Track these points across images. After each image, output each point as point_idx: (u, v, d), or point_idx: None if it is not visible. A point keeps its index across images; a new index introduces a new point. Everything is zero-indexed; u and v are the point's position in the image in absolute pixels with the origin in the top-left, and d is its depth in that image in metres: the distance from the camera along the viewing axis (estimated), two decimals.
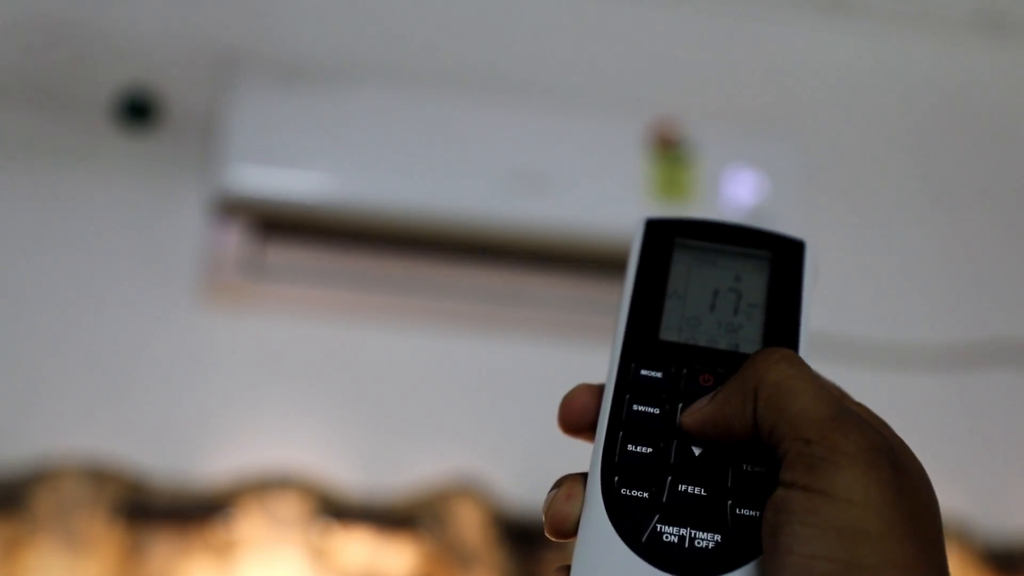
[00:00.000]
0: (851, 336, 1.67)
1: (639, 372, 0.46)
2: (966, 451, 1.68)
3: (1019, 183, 1.86)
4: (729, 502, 0.43)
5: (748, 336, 0.48)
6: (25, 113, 1.55)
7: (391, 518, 1.44)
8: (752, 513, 0.43)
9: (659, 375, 0.46)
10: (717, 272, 0.49)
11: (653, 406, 0.45)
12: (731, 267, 0.49)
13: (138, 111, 1.52)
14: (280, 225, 1.46)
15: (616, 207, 1.49)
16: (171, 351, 1.52)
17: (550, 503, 0.47)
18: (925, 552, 0.41)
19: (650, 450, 0.45)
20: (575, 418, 0.48)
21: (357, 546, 1.42)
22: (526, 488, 1.47)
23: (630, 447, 0.45)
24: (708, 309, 0.48)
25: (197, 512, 1.39)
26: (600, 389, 0.47)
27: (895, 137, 1.83)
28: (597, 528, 0.44)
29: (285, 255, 1.48)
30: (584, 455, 0.49)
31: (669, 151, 1.52)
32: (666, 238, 0.50)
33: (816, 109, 1.80)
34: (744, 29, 1.82)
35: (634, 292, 0.49)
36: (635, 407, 0.46)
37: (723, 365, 0.46)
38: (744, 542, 0.43)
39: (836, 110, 1.82)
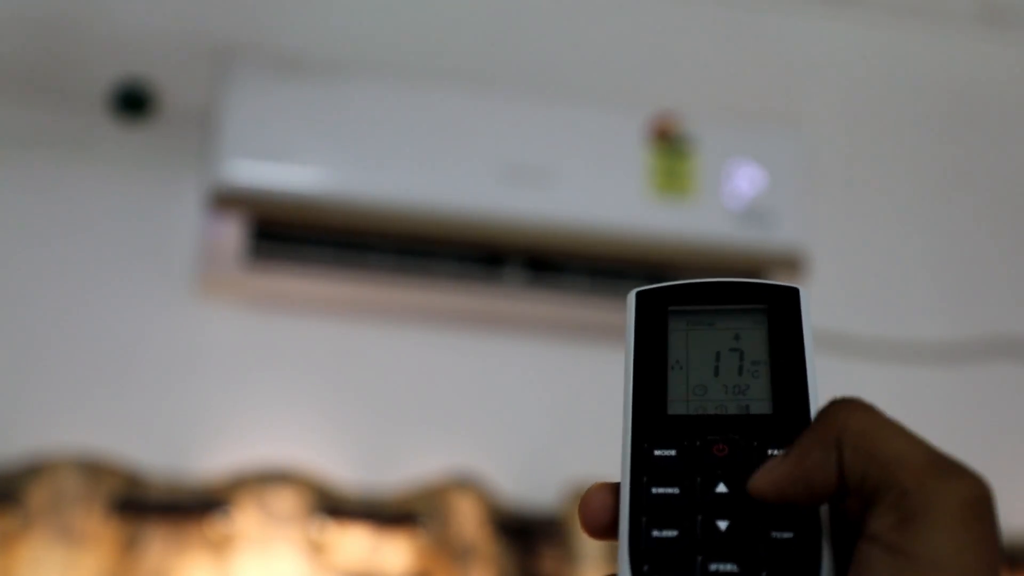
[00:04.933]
0: (851, 332, 1.65)
1: (653, 453, 0.46)
2: (968, 447, 1.66)
3: (1022, 177, 1.84)
4: (764, 573, 0.42)
5: (757, 395, 0.47)
6: (21, 105, 1.53)
7: (388, 514, 1.42)
8: None
9: (673, 452, 0.45)
10: (715, 334, 0.48)
11: (672, 486, 0.45)
12: (729, 326, 0.49)
13: (134, 104, 1.51)
14: (277, 219, 1.44)
15: (617, 201, 1.47)
16: (167, 345, 1.50)
17: None
18: None
19: (676, 532, 0.44)
20: (597, 518, 0.46)
21: (354, 542, 1.41)
22: (523, 483, 1.46)
23: (655, 532, 0.44)
24: (712, 374, 0.47)
25: (193, 507, 1.38)
26: (613, 487, 0.46)
27: (897, 130, 1.81)
28: None
29: (282, 249, 1.46)
30: (584, 454, 0.48)
31: (669, 144, 1.50)
32: (659, 308, 0.49)
33: (817, 102, 1.78)
34: (745, 21, 1.80)
35: (636, 368, 0.48)
36: (654, 490, 0.45)
37: (735, 431, 0.45)
38: None
39: (838, 103, 1.80)
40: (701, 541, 0.43)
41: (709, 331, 0.48)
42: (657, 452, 0.45)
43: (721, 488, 0.44)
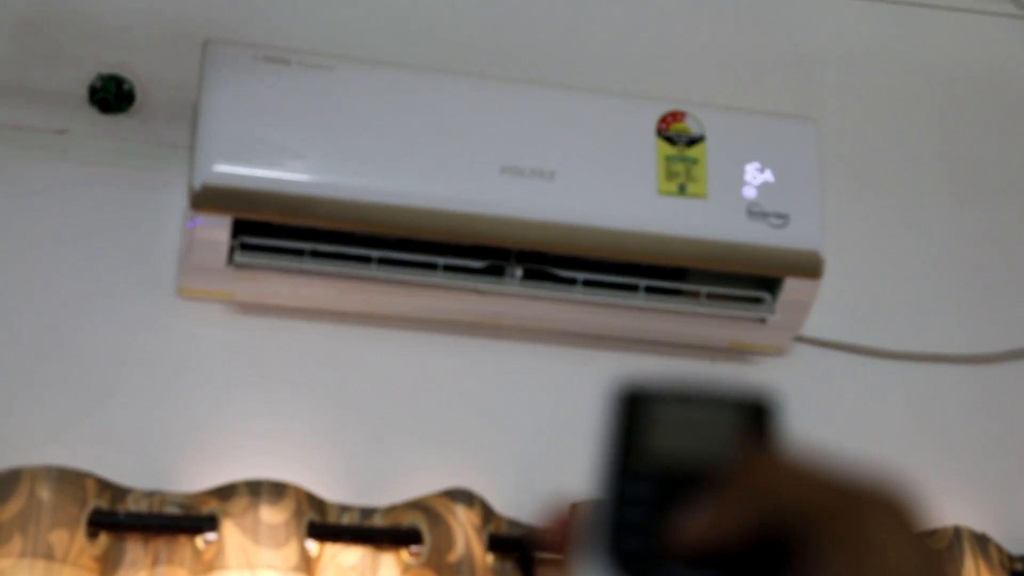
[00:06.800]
0: (864, 337, 1.63)
1: (623, 491, 0.48)
2: (986, 459, 1.63)
3: None
4: None
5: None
6: None
7: (382, 530, 1.40)
8: None
9: (643, 494, 0.48)
10: (688, 431, 0.51)
11: (641, 518, 0.47)
12: (701, 428, 0.51)
13: (115, 99, 1.49)
14: (265, 219, 1.40)
15: (624, 199, 1.45)
16: (149, 351, 1.48)
17: None
18: None
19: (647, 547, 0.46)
20: (561, 535, 0.49)
21: (346, 559, 1.38)
22: (520, 500, 1.44)
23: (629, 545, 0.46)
24: (680, 455, 0.50)
25: (177, 523, 1.35)
26: (578, 507, 0.49)
27: (919, 123, 1.78)
28: None
29: (270, 251, 1.43)
30: (576, 470, 0.51)
31: (679, 141, 1.47)
32: (634, 405, 0.51)
33: (834, 97, 1.76)
34: (758, 12, 1.78)
35: (606, 452, 0.50)
36: (624, 518, 0.47)
37: (703, 483, 0.47)
38: None
39: (855, 95, 1.77)
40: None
41: (682, 428, 0.51)
42: (628, 488, 0.48)
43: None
